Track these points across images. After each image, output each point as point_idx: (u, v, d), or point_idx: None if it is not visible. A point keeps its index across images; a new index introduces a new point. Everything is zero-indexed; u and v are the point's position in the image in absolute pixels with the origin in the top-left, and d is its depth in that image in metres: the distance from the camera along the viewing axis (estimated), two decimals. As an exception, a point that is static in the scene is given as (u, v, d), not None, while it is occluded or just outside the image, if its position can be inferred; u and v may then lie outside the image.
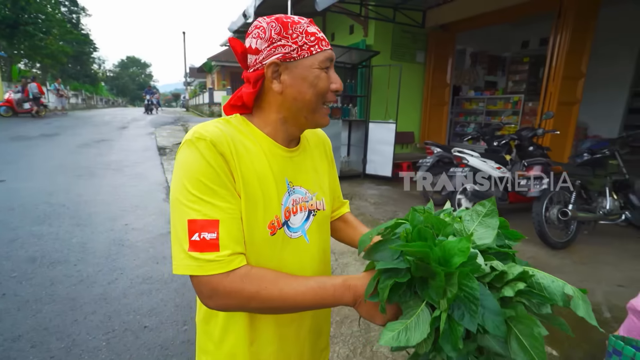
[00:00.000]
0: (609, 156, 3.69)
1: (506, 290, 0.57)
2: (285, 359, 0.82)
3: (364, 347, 2.21)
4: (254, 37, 0.71)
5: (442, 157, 4.62)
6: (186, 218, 0.64)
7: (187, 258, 0.64)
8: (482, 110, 7.40)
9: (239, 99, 0.76)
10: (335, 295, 0.66)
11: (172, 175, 0.70)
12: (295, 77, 0.71)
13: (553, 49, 4.98)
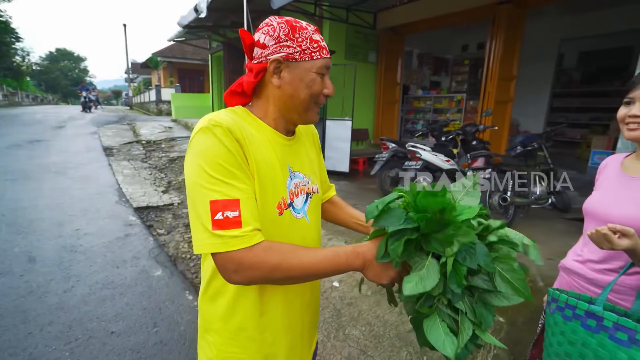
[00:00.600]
0: (537, 149, 4.21)
1: (491, 237, 0.72)
2: (291, 329, 0.90)
3: (336, 331, 2.34)
4: (264, 33, 0.78)
5: (397, 152, 4.91)
6: (208, 199, 0.69)
7: (211, 237, 0.69)
8: (429, 108, 7.94)
9: (239, 86, 0.83)
10: (348, 262, 0.75)
11: (187, 161, 0.74)
12: (294, 76, 0.79)
13: (489, 52, 5.51)
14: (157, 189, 5.07)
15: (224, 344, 0.86)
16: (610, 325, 0.96)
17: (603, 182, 1.21)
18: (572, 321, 1.02)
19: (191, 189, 0.72)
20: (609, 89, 8.01)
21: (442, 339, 0.69)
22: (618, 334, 0.95)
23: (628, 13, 6.05)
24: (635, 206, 1.04)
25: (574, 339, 1.01)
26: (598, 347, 0.96)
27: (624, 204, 1.07)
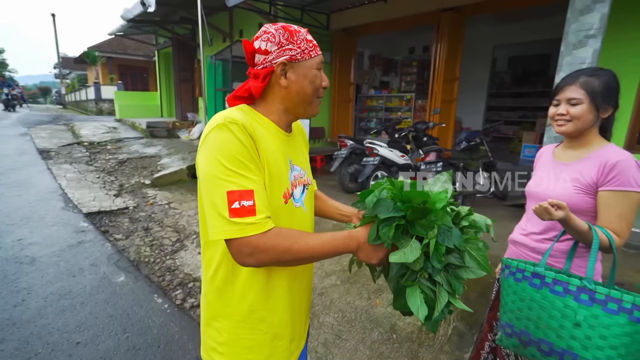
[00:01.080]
0: (479, 144, 4.68)
1: (463, 222, 0.88)
2: (293, 310, 0.99)
3: (311, 320, 2.45)
4: (264, 40, 0.85)
5: (355, 149, 5.13)
6: (225, 190, 0.76)
7: (227, 224, 0.75)
8: (381, 106, 8.33)
9: (246, 91, 0.90)
10: (345, 244, 0.86)
11: (202, 155, 0.80)
12: (299, 75, 0.88)
13: (435, 55, 5.96)
14: (108, 193, 4.76)
15: (234, 327, 0.92)
16: (550, 281, 1.18)
17: (540, 168, 1.45)
18: (521, 282, 1.23)
19: (208, 180, 0.78)
20: (533, 90, 9.05)
21: (418, 306, 0.85)
22: (556, 287, 1.17)
23: (547, 24, 6.89)
24: (564, 185, 1.28)
25: (523, 296, 1.22)
26: (542, 299, 1.18)
27: (557, 184, 1.31)
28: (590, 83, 1.21)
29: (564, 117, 1.25)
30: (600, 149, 1.25)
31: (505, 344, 1.31)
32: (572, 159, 1.31)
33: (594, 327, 1.10)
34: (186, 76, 9.74)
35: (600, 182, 1.21)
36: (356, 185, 5.24)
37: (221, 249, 0.89)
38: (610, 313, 1.08)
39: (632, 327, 1.06)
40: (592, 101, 1.20)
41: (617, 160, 1.18)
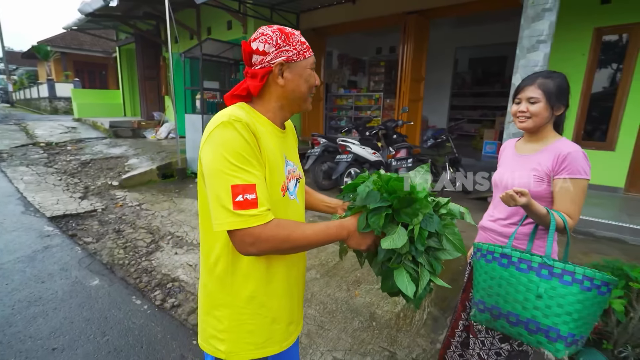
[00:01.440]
0: (445, 140, 4.95)
1: (442, 210, 0.99)
2: (290, 295, 1.06)
3: (294, 312, 2.52)
4: (262, 42, 0.90)
5: (328, 147, 5.24)
6: (230, 184, 0.80)
7: (231, 216, 0.80)
8: (351, 105, 8.52)
9: (244, 90, 0.94)
10: (336, 233, 0.94)
11: (207, 151, 0.84)
12: (295, 74, 0.93)
13: (402, 56, 6.20)
14: (72, 196, 4.53)
15: (235, 313, 0.97)
16: (516, 260, 1.33)
17: (504, 161, 1.62)
18: (491, 262, 1.37)
19: (213, 175, 0.82)
20: (492, 90, 9.63)
21: (406, 285, 0.95)
22: (521, 265, 1.32)
23: (504, 29, 7.38)
24: (526, 175, 1.44)
25: (493, 275, 1.36)
26: (509, 277, 1.33)
27: (519, 174, 1.47)
28: (546, 84, 1.37)
29: (524, 114, 1.41)
30: (555, 142, 1.42)
31: (478, 319, 1.46)
32: (531, 151, 1.48)
33: (552, 297, 1.26)
34: (151, 74, 9.39)
35: (555, 171, 1.38)
36: (330, 182, 5.35)
37: (222, 241, 0.93)
38: (566, 284, 1.24)
39: (583, 295, 1.22)
40: (547, 100, 1.37)
41: (569, 152, 1.35)
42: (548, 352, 1.28)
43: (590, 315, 1.24)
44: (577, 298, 1.22)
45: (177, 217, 4.08)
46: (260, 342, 1.00)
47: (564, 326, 1.24)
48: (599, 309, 1.25)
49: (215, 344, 0.99)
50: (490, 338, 1.57)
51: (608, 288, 1.22)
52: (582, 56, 4.79)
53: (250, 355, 0.99)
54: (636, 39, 4.44)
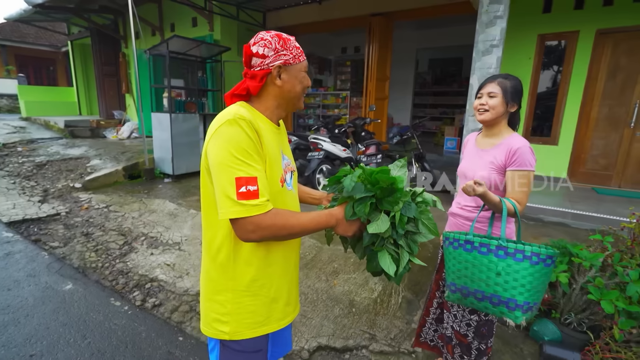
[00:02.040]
0: (410, 137, 5.23)
1: (418, 198, 1.14)
2: (288, 277, 1.17)
3: (276, 304, 2.61)
4: (261, 45, 0.99)
5: (298, 145, 5.34)
6: (234, 176, 0.90)
7: (235, 205, 0.90)
8: (318, 104, 8.66)
9: (244, 90, 1.03)
10: (326, 221, 1.05)
11: (214, 146, 0.93)
12: (291, 76, 1.03)
13: (368, 56, 6.44)
14: (30, 199, 4.28)
15: (237, 296, 1.06)
16: (477, 245, 1.53)
17: (467, 154, 1.82)
18: (457, 249, 1.56)
19: (219, 168, 0.91)
20: (451, 90, 10.21)
21: (388, 264, 1.10)
22: (482, 249, 1.52)
23: (460, 32, 7.87)
24: (485, 167, 1.65)
25: (460, 259, 1.55)
26: (473, 259, 1.53)
27: (479, 167, 1.68)
28: (504, 83, 1.58)
29: (484, 106, 1.62)
30: (508, 137, 1.64)
31: (451, 298, 1.65)
32: (488, 146, 1.69)
33: (509, 274, 1.47)
34: (110, 71, 8.92)
35: (507, 164, 1.59)
36: (301, 178, 5.46)
37: (223, 230, 1.02)
38: (518, 261, 1.45)
39: (532, 269, 1.44)
40: (503, 96, 1.58)
41: (518, 147, 1.57)
42: (509, 319, 1.50)
43: (540, 284, 1.46)
44: (528, 272, 1.43)
45: (148, 217, 4.00)
46: (261, 320, 1.09)
47: (520, 297, 1.45)
48: (547, 279, 1.46)
49: (218, 326, 1.07)
50: (462, 311, 1.77)
51: (552, 260, 1.43)
52: (528, 59, 5.27)
53: (253, 333, 1.08)
54: (573, 45, 4.96)
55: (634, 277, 2.34)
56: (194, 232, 3.73)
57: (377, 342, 2.26)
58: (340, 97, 8.22)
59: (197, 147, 5.76)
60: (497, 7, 3.90)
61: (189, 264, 3.11)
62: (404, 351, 2.20)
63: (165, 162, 5.41)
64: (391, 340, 2.28)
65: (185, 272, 3.01)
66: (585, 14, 4.81)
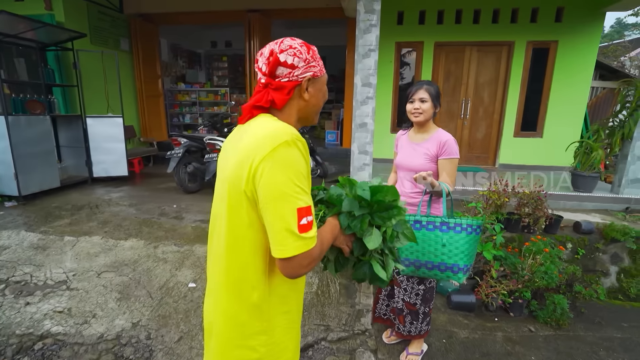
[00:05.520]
0: (304, 133, 5.49)
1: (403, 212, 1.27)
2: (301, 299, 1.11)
3: (222, 322, 2.43)
4: (290, 55, 0.88)
5: (190, 147, 4.90)
6: (296, 207, 0.79)
7: (297, 240, 0.79)
8: (194, 101, 8.01)
9: (267, 102, 0.90)
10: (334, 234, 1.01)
11: (273, 171, 0.78)
12: (316, 89, 0.96)
13: (249, 53, 6.34)
14: None
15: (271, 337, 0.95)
16: (425, 223, 1.84)
17: (401, 148, 2.11)
18: (410, 228, 1.84)
19: (281, 198, 0.78)
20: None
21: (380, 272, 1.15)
22: (429, 226, 1.84)
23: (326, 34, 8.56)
24: (422, 158, 1.96)
25: (413, 237, 1.83)
26: (422, 236, 1.83)
27: (415, 158, 1.99)
28: (430, 89, 1.91)
29: (417, 110, 1.92)
30: (436, 132, 1.99)
31: (406, 272, 1.92)
32: (421, 140, 2.02)
33: (451, 244, 1.83)
34: None
35: (439, 154, 1.95)
36: (196, 184, 5.04)
37: (259, 267, 0.89)
38: (457, 232, 1.82)
39: (468, 237, 1.82)
40: (432, 100, 1.91)
41: (446, 139, 1.93)
42: (454, 280, 1.87)
43: (474, 250, 1.86)
44: (465, 240, 1.82)
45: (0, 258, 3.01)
46: (292, 353, 1.04)
47: (461, 261, 1.82)
48: (477, 244, 1.87)
49: None
50: (411, 284, 2.08)
51: (480, 229, 1.86)
52: (389, 63, 6.22)
53: None
54: (420, 53, 6.12)
55: (497, 230, 3.18)
56: (83, 263, 3.03)
57: (332, 331, 2.40)
58: (219, 94, 7.82)
59: (51, 156, 4.57)
60: (371, 16, 4.47)
61: (93, 304, 2.54)
62: (358, 332, 2.42)
63: (4, 181, 4.10)
64: (344, 326, 2.46)
65: (90, 314, 2.44)
66: (426, 28, 5.98)
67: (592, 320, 3.14)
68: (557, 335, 2.87)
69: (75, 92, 5.21)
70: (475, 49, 5.95)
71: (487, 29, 5.78)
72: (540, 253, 3.10)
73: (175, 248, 3.34)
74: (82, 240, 3.41)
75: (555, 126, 6.04)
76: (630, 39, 14.59)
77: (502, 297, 2.98)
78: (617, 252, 3.74)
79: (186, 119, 8.09)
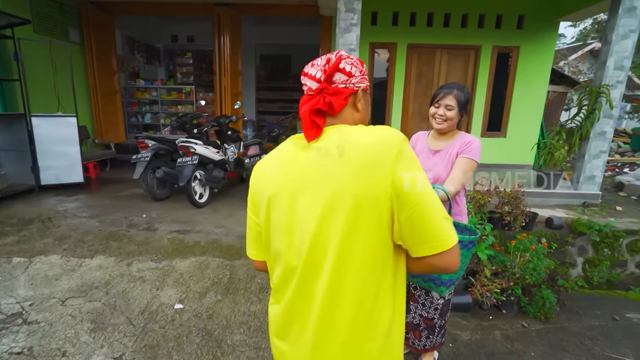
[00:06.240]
0: (280, 134, 5.28)
1: None
2: None
3: (219, 347, 2.20)
4: (348, 63, 0.88)
5: (158, 150, 4.48)
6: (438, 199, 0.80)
7: (452, 229, 0.79)
8: (155, 99, 7.41)
9: (325, 105, 0.86)
10: None
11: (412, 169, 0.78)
12: (366, 103, 0.96)
13: (219, 49, 5.98)
14: None
15: None
16: None
17: (418, 153, 2.00)
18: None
19: (425, 194, 0.77)
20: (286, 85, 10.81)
21: None
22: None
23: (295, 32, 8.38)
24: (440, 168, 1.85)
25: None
26: None
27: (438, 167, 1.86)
28: (459, 96, 1.78)
29: (442, 117, 1.81)
30: (459, 136, 1.88)
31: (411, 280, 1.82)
32: (443, 146, 1.89)
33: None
34: None
35: (460, 151, 1.83)
36: (165, 190, 4.63)
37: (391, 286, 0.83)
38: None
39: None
40: (459, 109, 1.80)
41: (472, 139, 1.83)
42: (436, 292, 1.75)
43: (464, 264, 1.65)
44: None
45: None
46: None
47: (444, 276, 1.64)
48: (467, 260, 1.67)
49: None
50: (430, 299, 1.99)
51: (473, 244, 1.64)
52: (363, 63, 6.20)
53: None
54: (393, 54, 6.17)
55: (488, 230, 3.24)
56: (41, 289, 2.60)
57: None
58: (184, 92, 7.29)
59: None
60: (351, 15, 4.39)
61: (60, 339, 2.17)
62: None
63: None
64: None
65: (58, 353, 2.08)
66: (399, 30, 6.05)
67: (572, 311, 3.32)
68: (547, 328, 2.99)
69: (17, 87, 4.54)
70: (445, 52, 6.12)
71: (457, 32, 5.97)
72: (528, 250, 3.21)
73: (153, 264, 3.00)
74: (37, 261, 2.95)
75: (517, 127, 6.41)
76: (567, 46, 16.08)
77: (495, 295, 3.04)
78: (583, 244, 4.01)
79: (146, 119, 7.45)
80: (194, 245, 3.31)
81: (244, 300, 2.65)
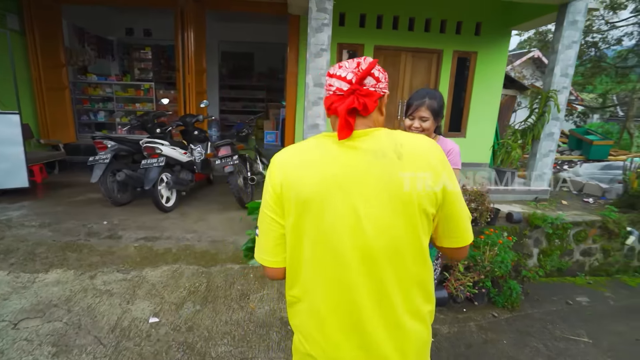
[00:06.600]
0: (249, 134, 5.13)
1: None
2: None
3: (203, 358, 2.08)
4: (377, 70, 0.92)
5: (119, 151, 4.16)
6: None
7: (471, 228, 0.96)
8: (110, 96, 6.86)
9: (360, 105, 0.89)
10: None
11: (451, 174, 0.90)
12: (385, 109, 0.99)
13: (183, 45, 5.68)
14: None
15: None
16: None
17: None
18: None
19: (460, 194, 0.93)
20: (249, 84, 10.56)
21: None
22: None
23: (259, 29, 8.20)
24: None
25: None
26: None
27: None
28: (432, 105, 1.80)
29: (418, 129, 1.84)
30: (439, 142, 1.94)
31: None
32: None
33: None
34: None
35: None
36: (126, 195, 4.32)
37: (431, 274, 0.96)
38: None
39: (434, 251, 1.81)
40: (434, 117, 1.84)
41: (450, 148, 1.91)
42: None
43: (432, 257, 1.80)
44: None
45: None
46: None
47: None
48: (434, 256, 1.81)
49: None
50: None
51: None
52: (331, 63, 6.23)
53: None
54: (361, 54, 6.26)
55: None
56: None
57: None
58: (143, 89, 6.81)
59: None
60: (323, 15, 4.38)
61: None
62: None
63: None
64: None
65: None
66: (366, 31, 6.14)
67: (533, 299, 3.59)
68: (514, 316, 3.20)
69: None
70: (410, 55, 6.32)
71: (421, 36, 6.19)
72: (496, 245, 3.40)
73: (120, 275, 2.77)
74: None
75: (475, 127, 6.79)
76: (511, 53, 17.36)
77: (468, 288, 3.19)
78: (538, 236, 4.34)
79: (100, 117, 6.86)
80: (165, 253, 3.11)
81: (225, 308, 2.53)
